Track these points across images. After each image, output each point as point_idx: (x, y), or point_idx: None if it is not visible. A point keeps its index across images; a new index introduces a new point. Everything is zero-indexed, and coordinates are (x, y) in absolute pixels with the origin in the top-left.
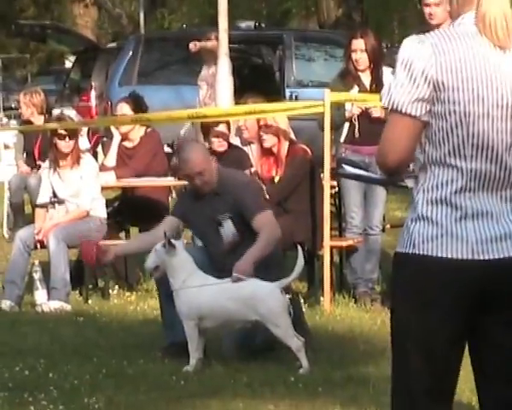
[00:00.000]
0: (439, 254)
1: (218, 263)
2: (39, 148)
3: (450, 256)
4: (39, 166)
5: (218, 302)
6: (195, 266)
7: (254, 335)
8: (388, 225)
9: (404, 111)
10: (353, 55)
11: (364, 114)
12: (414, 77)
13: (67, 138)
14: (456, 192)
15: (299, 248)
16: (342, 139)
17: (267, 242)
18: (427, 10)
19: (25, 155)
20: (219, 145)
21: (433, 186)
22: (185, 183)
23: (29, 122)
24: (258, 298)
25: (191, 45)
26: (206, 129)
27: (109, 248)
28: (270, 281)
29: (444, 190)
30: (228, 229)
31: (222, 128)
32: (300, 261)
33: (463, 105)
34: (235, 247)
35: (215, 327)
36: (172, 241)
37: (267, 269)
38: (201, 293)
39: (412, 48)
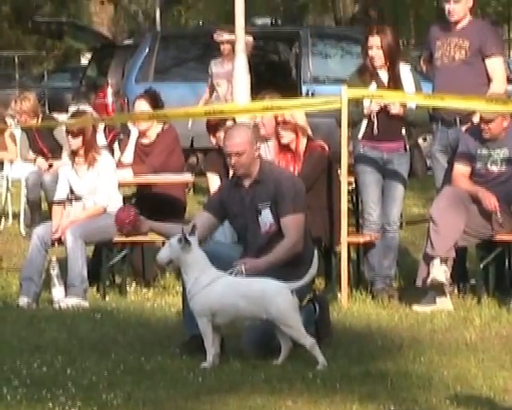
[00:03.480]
0: None
1: (252, 255)
2: (47, 146)
3: None
4: (51, 165)
5: (229, 299)
6: (209, 262)
7: (274, 333)
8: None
9: None
10: (369, 52)
11: (383, 111)
12: None
13: (77, 136)
14: None
15: (316, 252)
16: (360, 136)
17: (286, 253)
18: (446, 7)
19: (31, 152)
20: None
21: None
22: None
23: None
24: (267, 297)
25: (215, 35)
26: (213, 127)
27: (145, 220)
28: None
29: None
30: (266, 217)
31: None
32: (315, 265)
33: None
34: (271, 238)
35: (227, 323)
36: (188, 237)
37: (297, 266)
38: (212, 290)
39: None
